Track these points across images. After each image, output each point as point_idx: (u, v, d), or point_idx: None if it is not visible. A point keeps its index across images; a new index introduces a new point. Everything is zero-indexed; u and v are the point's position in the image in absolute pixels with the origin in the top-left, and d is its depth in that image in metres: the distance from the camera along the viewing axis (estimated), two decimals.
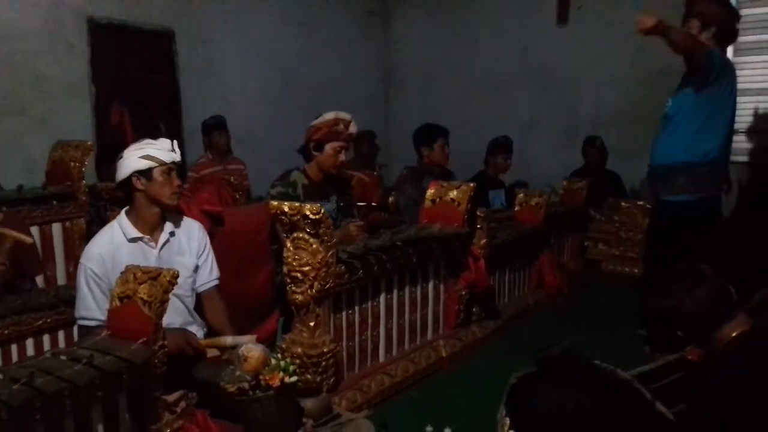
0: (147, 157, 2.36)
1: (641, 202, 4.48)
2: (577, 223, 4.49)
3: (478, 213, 3.10)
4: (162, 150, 2.39)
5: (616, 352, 2.50)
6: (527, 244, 3.74)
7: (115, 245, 2.36)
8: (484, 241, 3.13)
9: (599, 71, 5.83)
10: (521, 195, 3.90)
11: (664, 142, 3.06)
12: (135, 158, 2.36)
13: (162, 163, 2.37)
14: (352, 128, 3.01)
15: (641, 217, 4.39)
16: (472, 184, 3.07)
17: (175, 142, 2.45)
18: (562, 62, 6.00)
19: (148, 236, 2.43)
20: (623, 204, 4.54)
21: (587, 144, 5.17)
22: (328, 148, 3.00)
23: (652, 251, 3.25)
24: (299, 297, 2.30)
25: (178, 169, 2.48)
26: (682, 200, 2.99)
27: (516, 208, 3.88)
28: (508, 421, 0.96)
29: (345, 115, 3.03)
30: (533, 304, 3.72)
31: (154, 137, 2.50)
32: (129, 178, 2.37)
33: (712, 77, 2.89)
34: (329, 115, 3.02)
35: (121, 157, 2.39)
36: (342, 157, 3.02)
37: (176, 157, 2.43)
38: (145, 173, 2.36)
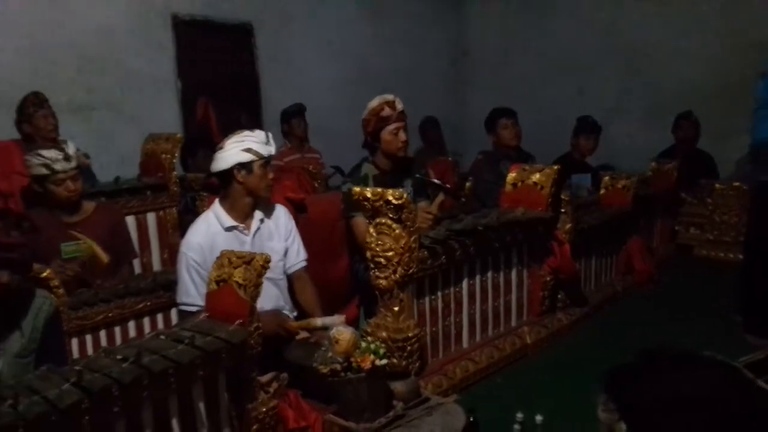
0: (249, 150, 2.44)
1: (737, 184, 4.22)
2: (667, 207, 4.29)
3: (563, 197, 3.01)
4: (260, 143, 2.47)
5: (714, 340, 2.38)
6: (614, 229, 3.60)
7: (212, 234, 2.47)
8: (569, 225, 3.04)
9: (686, 47, 5.53)
10: (607, 178, 3.76)
11: (762, 121, 2.86)
12: (237, 151, 2.44)
13: (261, 157, 2.45)
14: (399, 105, 2.94)
15: (737, 200, 4.15)
16: (555, 167, 2.98)
17: (270, 134, 2.52)
18: (645, 39, 5.73)
19: (242, 224, 2.53)
20: (717, 186, 4.30)
21: (681, 118, 4.95)
22: (385, 134, 2.95)
23: (752, 235, 3.06)
24: (383, 282, 2.31)
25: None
26: None
27: (602, 192, 3.74)
28: (612, 406, 0.95)
29: (388, 96, 2.96)
30: (621, 290, 3.58)
31: (237, 129, 2.58)
32: (230, 170, 2.45)
33: None
34: (373, 103, 2.98)
35: (222, 148, 2.47)
36: (403, 136, 2.95)
37: (272, 150, 2.51)
38: (246, 166, 2.45)
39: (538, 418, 1.97)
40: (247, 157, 2.44)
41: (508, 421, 2.03)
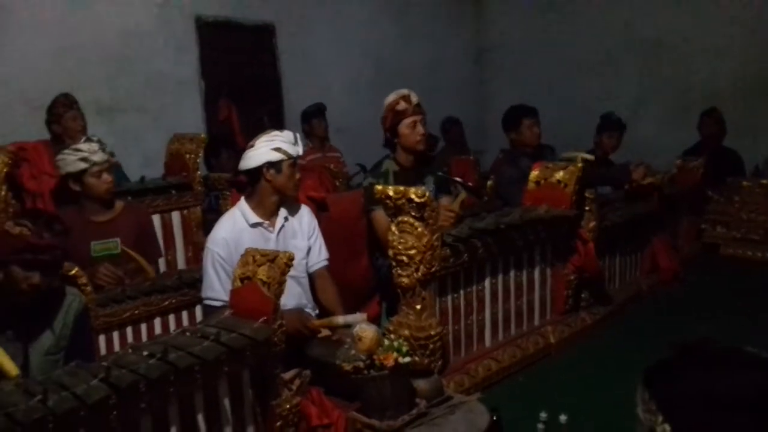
0: (279, 150, 2.47)
1: (764, 181, 4.14)
2: (692, 205, 4.22)
3: (587, 194, 2.98)
4: (289, 143, 2.50)
5: (740, 339, 2.34)
6: (639, 227, 3.56)
7: (237, 230, 2.50)
8: (593, 223, 3.00)
9: (714, 41, 5.43)
10: None
11: None
12: (267, 150, 2.47)
13: (290, 157, 2.48)
14: (414, 99, 2.93)
15: (764, 197, 4.07)
16: (579, 164, 2.95)
17: (297, 134, 2.55)
18: (672, 33, 5.64)
19: (267, 221, 2.56)
20: (744, 183, 4.22)
21: (704, 115, 4.88)
22: (402, 128, 2.93)
23: None
24: (405, 280, 2.31)
25: None
26: None
27: (626, 188, 3.70)
28: (654, 405, 0.91)
29: (403, 91, 2.95)
30: (646, 289, 3.53)
31: (259, 130, 2.62)
32: (260, 168, 2.49)
33: None
34: (389, 99, 2.96)
35: (252, 147, 2.51)
36: (420, 129, 2.93)
37: (300, 150, 2.54)
38: (276, 165, 2.48)
39: (562, 417, 1.95)
40: (276, 157, 2.47)
41: (531, 421, 2.02)
